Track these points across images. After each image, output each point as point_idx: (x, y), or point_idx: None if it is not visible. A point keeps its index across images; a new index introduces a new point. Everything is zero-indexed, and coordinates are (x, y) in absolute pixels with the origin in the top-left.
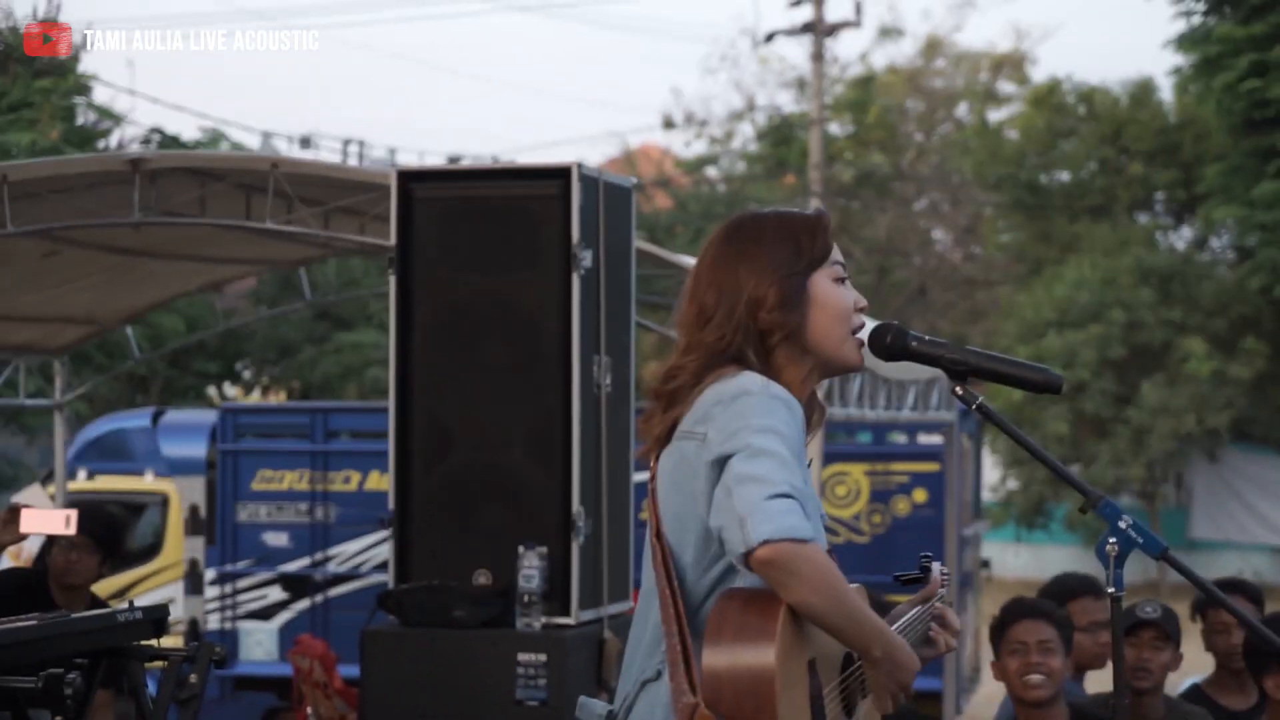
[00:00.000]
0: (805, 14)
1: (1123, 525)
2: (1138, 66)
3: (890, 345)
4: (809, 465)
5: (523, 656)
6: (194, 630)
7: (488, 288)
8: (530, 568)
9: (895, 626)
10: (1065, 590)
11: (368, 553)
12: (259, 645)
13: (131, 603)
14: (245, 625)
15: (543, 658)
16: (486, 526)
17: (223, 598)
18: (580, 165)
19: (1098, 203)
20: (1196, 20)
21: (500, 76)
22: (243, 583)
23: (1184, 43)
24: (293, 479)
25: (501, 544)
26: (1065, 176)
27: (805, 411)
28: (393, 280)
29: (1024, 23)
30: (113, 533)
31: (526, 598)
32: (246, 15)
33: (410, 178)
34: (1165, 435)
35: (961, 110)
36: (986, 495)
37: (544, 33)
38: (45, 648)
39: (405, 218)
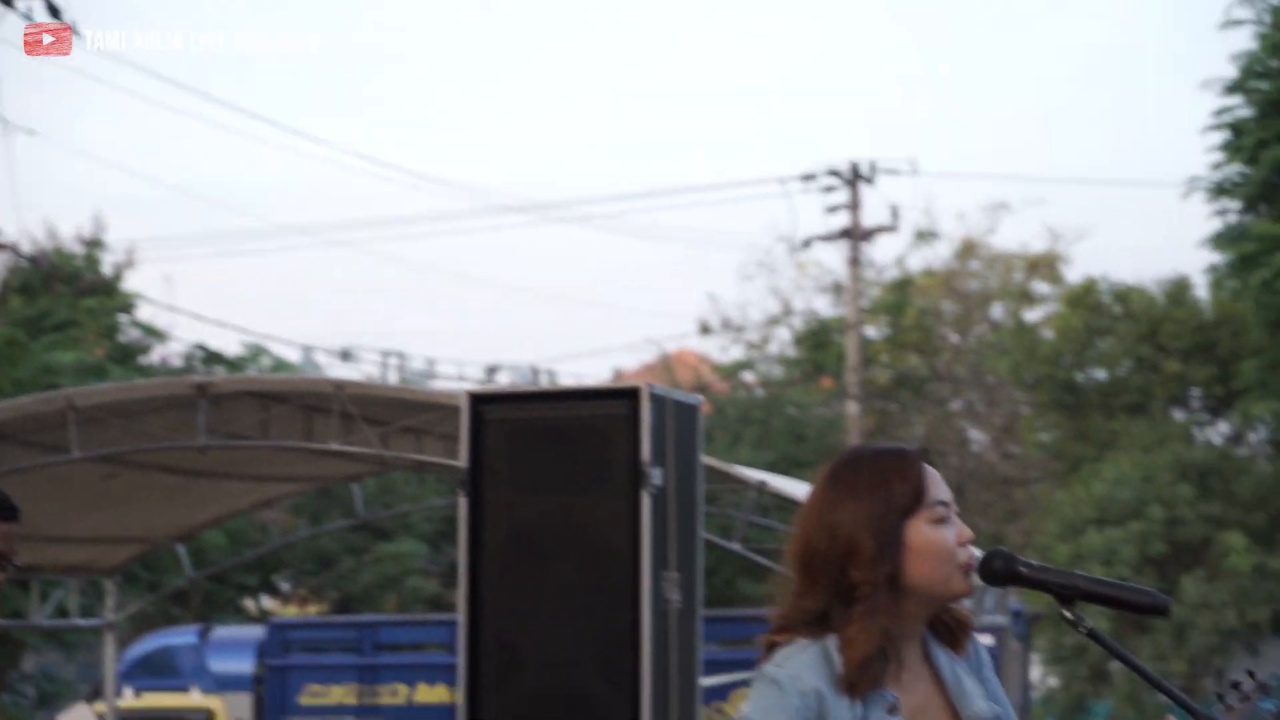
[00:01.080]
0: (841, 219)
1: None
2: (1172, 265)
3: (1000, 572)
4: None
5: None
6: None
7: (557, 507)
8: None
9: None
10: None
11: None
12: None
13: None
14: None
15: None
16: None
17: None
18: (651, 386)
19: (1135, 400)
20: (1233, 219)
21: (538, 286)
22: None
23: (1220, 241)
24: (340, 693)
25: None
26: (1102, 375)
27: (856, 668)
28: (463, 501)
29: (1058, 224)
30: None
31: None
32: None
33: (481, 400)
34: (1207, 630)
35: (996, 311)
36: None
37: (582, 243)
38: None
39: (476, 439)
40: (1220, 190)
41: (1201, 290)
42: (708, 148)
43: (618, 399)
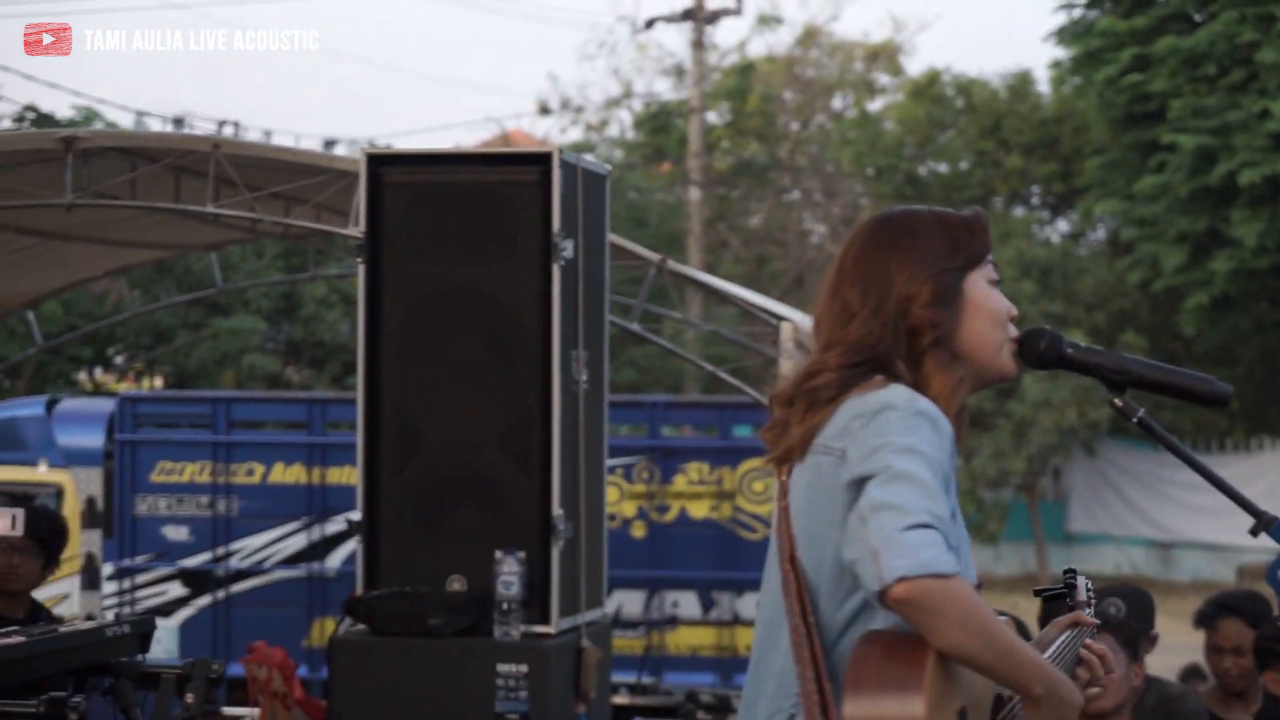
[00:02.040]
0: (685, 1)
1: None
2: (1016, 59)
3: (1044, 353)
4: (955, 488)
5: (502, 667)
6: None
7: (461, 279)
8: (509, 574)
9: (1046, 656)
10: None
11: (271, 547)
12: (158, 643)
13: (118, 615)
14: None
15: (523, 668)
16: (461, 530)
17: (120, 594)
18: (561, 150)
19: (976, 195)
20: (1078, 13)
21: (373, 56)
22: (141, 578)
23: (1065, 36)
24: (193, 471)
25: (477, 549)
26: (943, 168)
27: (955, 428)
28: (361, 270)
29: (902, 13)
30: (57, 535)
31: (505, 605)
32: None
33: (380, 161)
34: (1046, 429)
35: (837, 102)
36: None
37: (421, 15)
38: (33, 666)
39: (375, 204)
40: None
41: (1044, 86)
42: None
43: (527, 164)
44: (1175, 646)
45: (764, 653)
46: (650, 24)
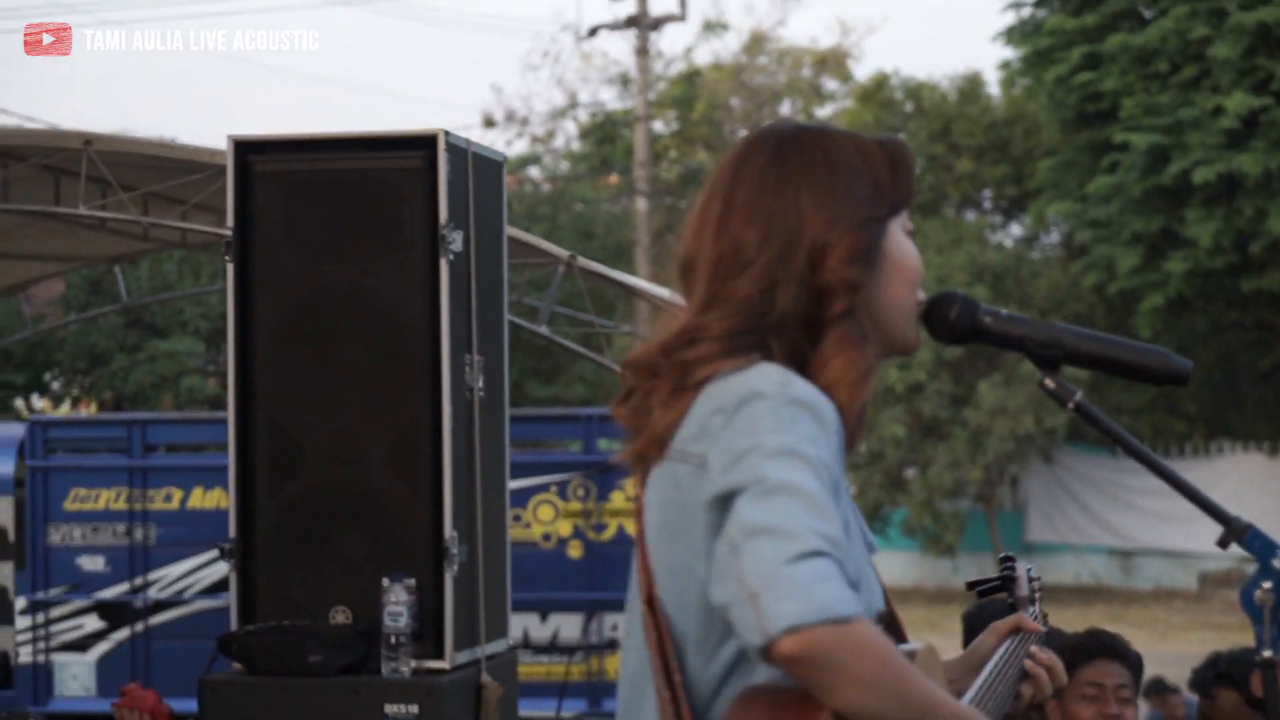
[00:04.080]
0: (628, 8)
1: (1279, 564)
2: (966, 61)
3: (956, 323)
4: (849, 494)
5: (390, 708)
6: (4, 664)
7: (341, 277)
8: (397, 603)
9: (979, 686)
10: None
11: (192, 576)
12: (75, 680)
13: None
14: (60, 658)
15: (414, 709)
16: (344, 556)
17: (35, 628)
18: (447, 133)
19: (928, 199)
20: (1026, 13)
21: (317, 71)
22: (56, 611)
23: (1014, 36)
24: (109, 497)
25: (362, 576)
26: None
27: (850, 427)
28: (230, 270)
29: (849, 17)
30: None
31: (393, 639)
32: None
33: (249, 148)
34: (1003, 436)
35: (786, 108)
36: None
37: (367, 29)
38: None
39: (244, 196)
40: None
41: (995, 88)
42: None
43: (411, 149)
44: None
45: (630, 708)
46: (594, 32)
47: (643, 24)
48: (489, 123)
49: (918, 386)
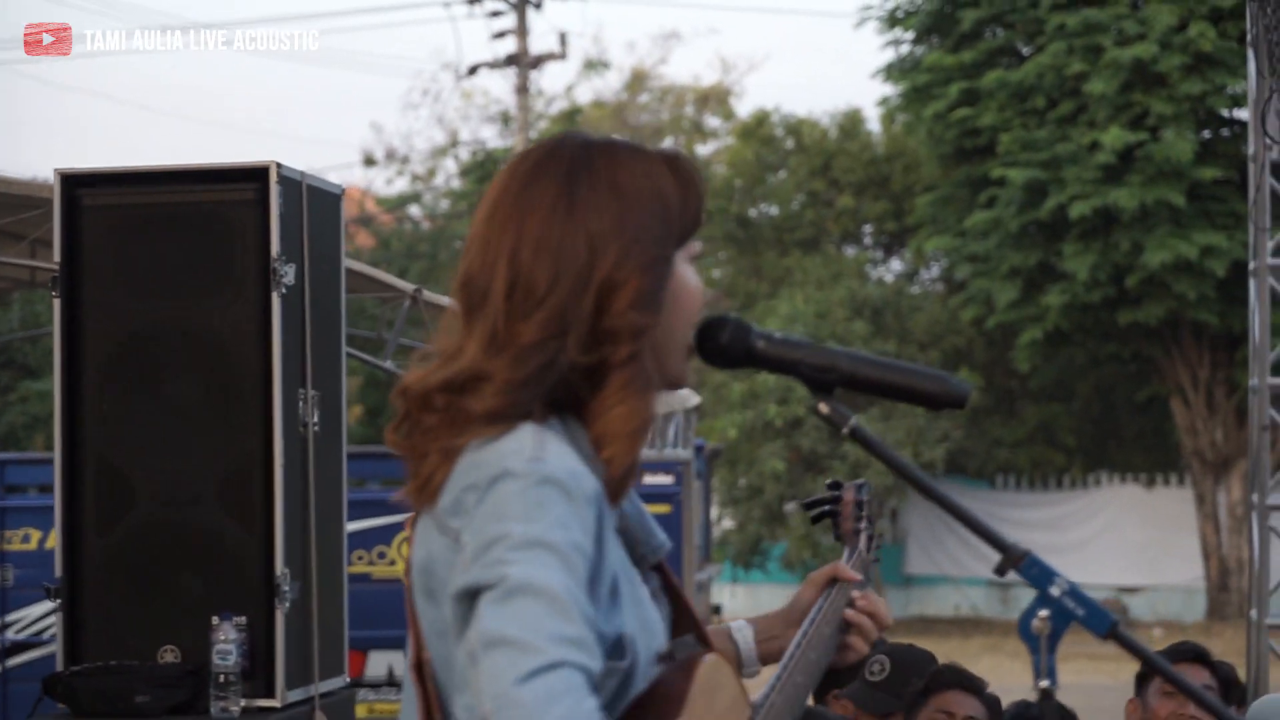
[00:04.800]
0: (509, 46)
1: (1056, 592)
2: (846, 98)
3: (729, 349)
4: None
5: None
6: None
7: (172, 312)
8: (226, 642)
9: (794, 644)
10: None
11: (51, 617)
12: None
13: None
14: None
15: None
16: (174, 595)
17: None
18: (279, 165)
19: (808, 235)
20: (905, 49)
21: (193, 111)
22: None
23: (893, 72)
24: None
25: (192, 615)
26: (774, 210)
27: (626, 472)
28: (57, 306)
29: (730, 55)
30: None
31: (222, 678)
32: None
33: (77, 181)
34: (881, 470)
35: (667, 145)
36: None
37: (241, 68)
38: None
39: (72, 231)
40: (893, 20)
41: (874, 124)
42: None
43: (243, 181)
44: (1016, 689)
45: None
46: (474, 70)
47: (523, 62)
48: (369, 161)
49: (796, 421)
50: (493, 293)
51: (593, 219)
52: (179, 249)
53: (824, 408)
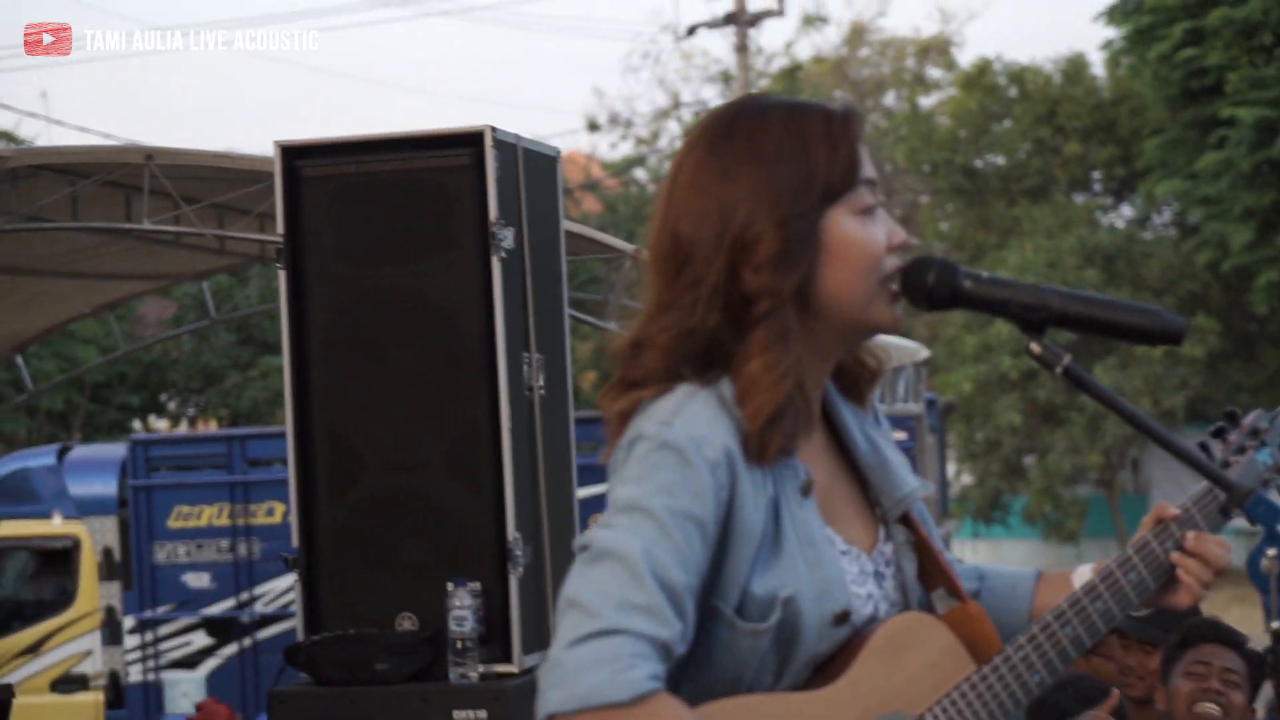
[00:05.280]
0: (726, 5)
1: None
2: (1068, 43)
3: (935, 290)
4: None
5: (459, 714)
6: (115, 684)
7: (393, 280)
8: (462, 608)
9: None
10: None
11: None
12: (185, 697)
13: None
14: (169, 675)
15: (482, 714)
16: (408, 562)
17: (144, 647)
18: (495, 129)
19: (1035, 184)
20: None
21: (423, 84)
22: (164, 629)
23: (1115, 15)
24: (211, 514)
25: (426, 582)
26: (1000, 160)
27: (767, 421)
28: (282, 276)
29: (949, 4)
30: None
31: (460, 644)
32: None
33: (296, 153)
34: (1121, 420)
35: (890, 99)
36: None
37: (465, 38)
38: None
39: (293, 201)
40: None
41: (1098, 68)
42: None
43: (459, 147)
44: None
45: None
46: (692, 30)
47: (741, 20)
48: (593, 126)
49: (1031, 373)
50: (655, 260)
51: (727, 185)
52: (397, 216)
53: (1035, 347)
